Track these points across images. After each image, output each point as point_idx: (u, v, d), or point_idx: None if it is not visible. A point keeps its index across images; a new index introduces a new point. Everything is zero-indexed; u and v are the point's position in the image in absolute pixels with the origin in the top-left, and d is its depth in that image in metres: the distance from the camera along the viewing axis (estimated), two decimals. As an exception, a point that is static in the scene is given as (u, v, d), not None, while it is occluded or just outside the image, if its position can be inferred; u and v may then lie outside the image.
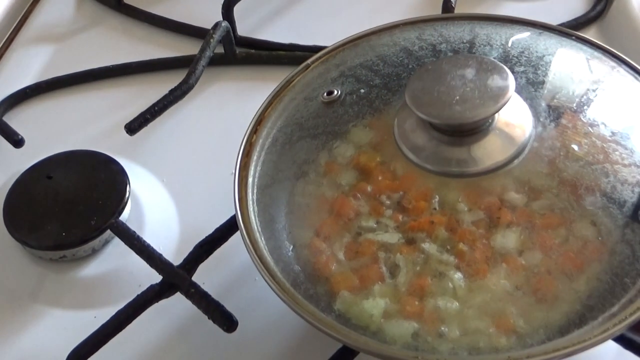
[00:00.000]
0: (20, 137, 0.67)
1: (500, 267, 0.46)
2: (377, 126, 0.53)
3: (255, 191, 0.52)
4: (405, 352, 0.44)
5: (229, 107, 0.73)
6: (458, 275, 0.46)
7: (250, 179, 0.52)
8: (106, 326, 0.53)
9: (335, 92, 0.55)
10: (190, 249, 0.56)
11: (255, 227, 0.50)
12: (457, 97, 0.47)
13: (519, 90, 0.51)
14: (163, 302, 0.55)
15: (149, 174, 0.68)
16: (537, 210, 0.48)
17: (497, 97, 0.47)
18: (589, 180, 0.48)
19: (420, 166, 0.49)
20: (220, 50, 0.75)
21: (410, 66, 0.55)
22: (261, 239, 0.50)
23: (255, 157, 0.54)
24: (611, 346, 0.51)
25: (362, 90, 0.55)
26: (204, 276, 0.56)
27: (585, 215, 0.47)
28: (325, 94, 0.55)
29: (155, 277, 0.55)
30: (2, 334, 0.59)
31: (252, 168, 0.53)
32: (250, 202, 0.51)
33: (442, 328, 0.45)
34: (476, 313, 0.45)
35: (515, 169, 0.48)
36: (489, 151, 0.48)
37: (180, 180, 0.68)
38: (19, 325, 0.59)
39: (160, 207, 0.66)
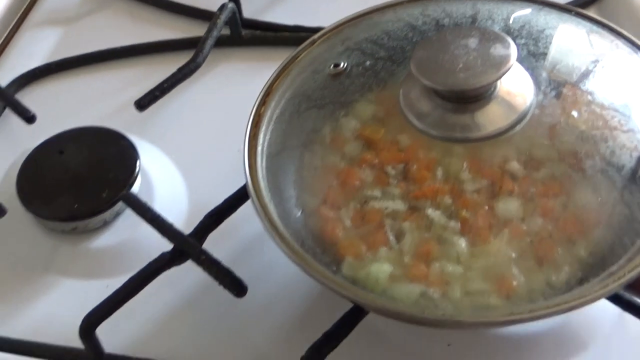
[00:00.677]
0: (32, 113, 0.69)
1: (502, 232, 0.47)
2: (382, 96, 0.54)
3: (264, 159, 0.53)
4: (412, 308, 0.45)
5: (235, 86, 0.75)
6: (462, 241, 0.47)
7: (259, 148, 0.54)
8: (120, 291, 0.54)
9: (342, 64, 0.56)
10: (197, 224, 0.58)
11: (265, 193, 0.51)
12: (461, 65, 0.49)
13: (520, 61, 0.52)
14: (171, 274, 0.56)
15: (157, 151, 0.70)
16: (539, 176, 0.49)
17: (500, 65, 0.48)
18: (588, 145, 0.49)
19: (425, 132, 0.50)
20: (226, 32, 0.77)
21: (414, 40, 0.56)
22: (270, 204, 0.51)
23: (264, 128, 0.55)
24: (612, 311, 0.53)
25: (368, 63, 0.56)
26: (211, 249, 0.57)
27: (585, 179, 0.48)
28: (332, 66, 0.56)
29: (165, 249, 0.56)
30: (16, 302, 0.60)
31: (261, 137, 0.54)
32: (259, 170, 0.52)
33: (447, 290, 0.46)
34: (479, 276, 0.46)
35: (517, 134, 0.50)
36: (491, 118, 0.50)
37: (188, 157, 0.69)
38: (33, 294, 0.61)
39: (169, 183, 0.67)
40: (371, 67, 0.56)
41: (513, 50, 0.49)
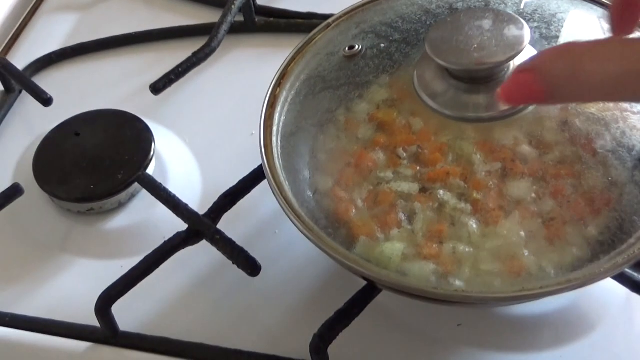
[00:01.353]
0: (48, 96, 0.69)
1: (513, 213, 0.48)
2: (396, 78, 0.54)
3: (279, 139, 0.54)
4: (426, 284, 0.46)
5: (248, 72, 0.75)
6: (473, 222, 0.48)
7: (274, 128, 0.54)
8: (136, 269, 0.55)
9: (357, 46, 0.57)
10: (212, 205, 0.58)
11: (280, 173, 0.52)
12: (475, 46, 0.49)
13: (533, 44, 0.52)
14: (185, 256, 0.57)
15: (172, 134, 0.70)
16: (550, 157, 0.49)
17: (514, 45, 0.49)
18: (599, 126, 0.50)
19: (438, 112, 0.51)
20: (240, 18, 0.77)
21: (428, 23, 0.57)
22: (285, 183, 0.51)
23: (279, 108, 0.56)
24: (620, 294, 0.53)
25: (382, 45, 0.57)
26: (225, 230, 0.57)
27: (596, 159, 0.49)
28: (346, 48, 0.57)
29: (180, 230, 0.57)
30: (32, 281, 0.61)
31: (276, 118, 0.55)
32: (274, 150, 0.53)
33: (458, 269, 0.47)
34: (490, 256, 0.47)
35: (528, 115, 0.50)
36: (504, 98, 0.50)
37: (202, 141, 0.70)
38: (49, 274, 0.62)
39: (183, 165, 0.68)
40: (385, 50, 0.56)
41: (527, 32, 0.49)
